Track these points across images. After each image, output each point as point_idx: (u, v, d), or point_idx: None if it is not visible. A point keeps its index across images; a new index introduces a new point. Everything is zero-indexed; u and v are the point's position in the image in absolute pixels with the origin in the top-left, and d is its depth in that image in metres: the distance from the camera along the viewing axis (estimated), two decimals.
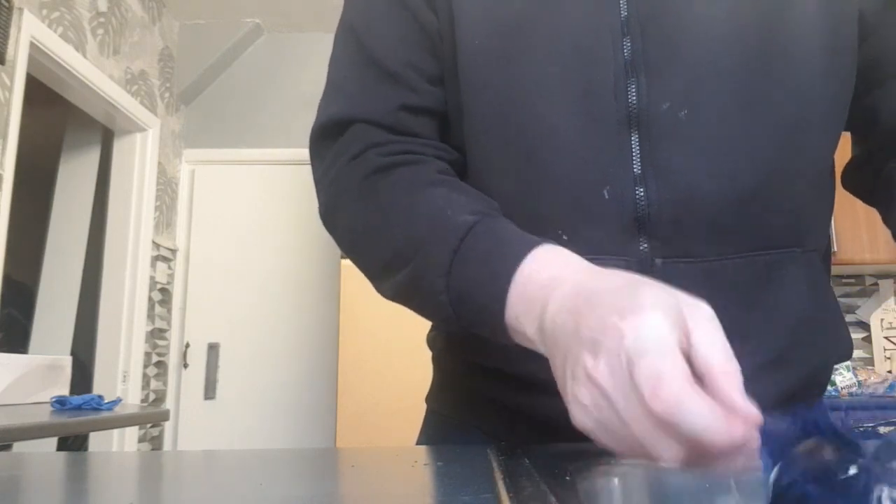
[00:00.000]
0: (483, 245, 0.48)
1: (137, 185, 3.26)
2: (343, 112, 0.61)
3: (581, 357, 0.37)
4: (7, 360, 1.98)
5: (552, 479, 0.37)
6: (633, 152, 0.54)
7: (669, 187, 0.54)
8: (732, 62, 0.54)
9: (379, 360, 2.83)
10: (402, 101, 0.60)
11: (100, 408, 1.89)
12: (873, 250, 2.98)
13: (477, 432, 0.64)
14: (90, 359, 3.13)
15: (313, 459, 0.54)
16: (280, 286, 3.61)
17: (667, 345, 0.35)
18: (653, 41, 0.54)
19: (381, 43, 0.62)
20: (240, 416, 3.48)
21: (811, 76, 0.55)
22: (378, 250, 0.55)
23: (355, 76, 0.62)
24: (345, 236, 0.60)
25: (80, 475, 0.48)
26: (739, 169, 0.54)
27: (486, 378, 0.61)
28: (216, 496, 0.38)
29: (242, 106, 3.71)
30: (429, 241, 0.50)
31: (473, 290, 0.47)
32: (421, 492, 0.40)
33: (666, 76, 0.54)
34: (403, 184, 0.56)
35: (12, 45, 2.35)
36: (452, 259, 0.48)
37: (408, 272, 0.52)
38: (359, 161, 0.58)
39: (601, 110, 0.54)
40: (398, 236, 0.53)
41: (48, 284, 3.28)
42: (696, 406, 0.33)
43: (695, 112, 0.54)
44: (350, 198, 0.58)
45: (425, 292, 0.50)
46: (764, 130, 0.55)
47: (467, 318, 0.48)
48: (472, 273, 0.47)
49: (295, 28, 3.72)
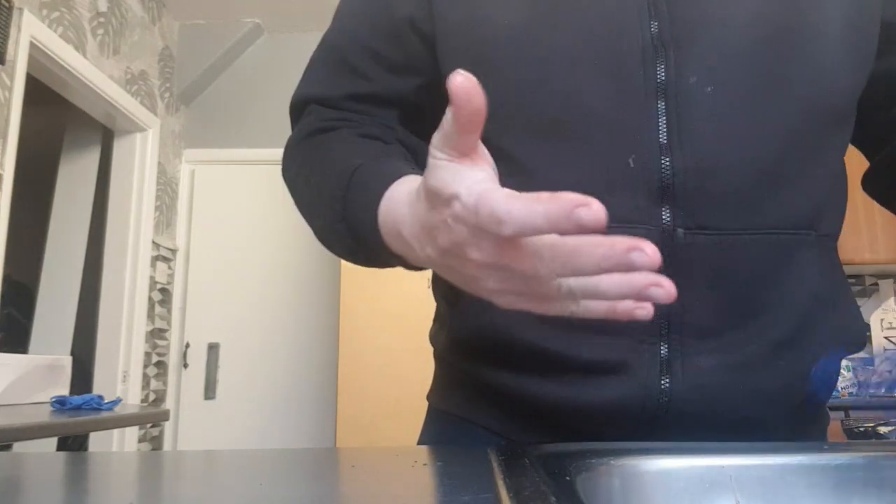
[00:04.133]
0: (359, 190, 0.52)
1: (137, 185, 3.26)
2: (303, 94, 0.68)
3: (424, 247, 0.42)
4: (7, 360, 1.98)
5: (552, 479, 0.37)
6: (659, 122, 0.55)
7: (695, 157, 0.55)
8: (756, 45, 0.56)
9: (379, 360, 2.83)
10: (355, 87, 0.65)
11: (100, 408, 1.89)
12: (873, 250, 2.98)
13: (479, 429, 0.64)
14: (90, 359, 3.13)
15: (313, 459, 0.54)
16: (280, 286, 3.61)
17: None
18: (679, 21, 0.56)
19: (346, 30, 0.67)
20: (240, 416, 3.48)
21: (831, 63, 0.57)
22: (302, 204, 0.61)
23: (320, 61, 0.69)
24: (290, 193, 0.65)
25: (80, 475, 0.48)
26: (761, 145, 0.56)
27: (491, 369, 0.62)
28: (216, 496, 0.38)
29: (242, 106, 3.71)
30: (326, 193, 0.55)
31: (360, 232, 0.51)
32: (421, 492, 0.40)
33: (693, 53, 0.56)
34: (323, 141, 0.61)
35: (12, 45, 2.35)
36: (344, 206, 0.53)
37: (322, 221, 0.57)
38: (302, 126, 0.65)
39: (629, 81, 0.56)
40: (314, 189, 0.58)
41: (48, 284, 3.28)
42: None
43: (720, 88, 0.55)
44: (290, 157, 0.65)
45: (337, 238, 0.55)
46: (785, 111, 0.56)
47: (375, 260, 0.53)
48: (355, 218, 0.51)
49: (295, 28, 3.72)
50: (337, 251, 0.58)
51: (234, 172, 3.69)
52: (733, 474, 0.43)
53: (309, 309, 3.59)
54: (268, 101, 3.70)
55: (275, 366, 3.54)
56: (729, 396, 0.55)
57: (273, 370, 3.54)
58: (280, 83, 3.70)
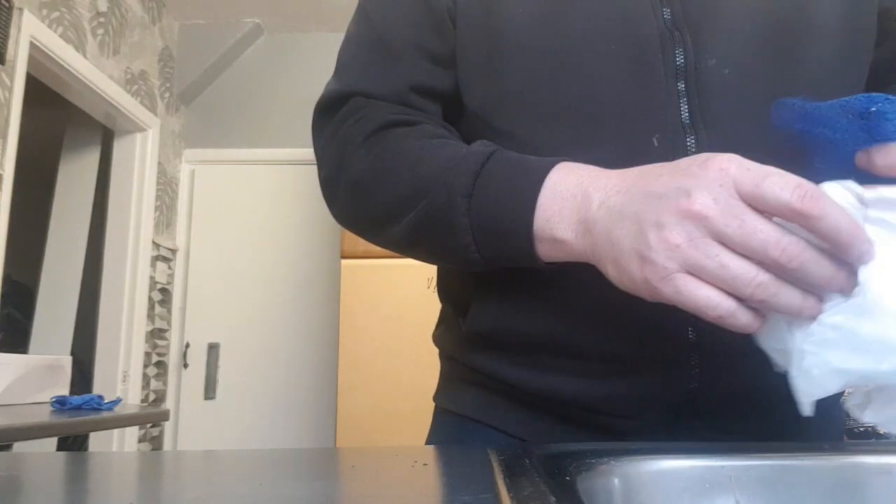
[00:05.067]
0: (504, 167, 0.50)
1: (137, 185, 3.26)
2: (343, 87, 0.64)
3: (666, 207, 0.39)
4: (7, 360, 1.98)
5: (552, 479, 0.37)
6: (680, 101, 0.55)
7: (718, 136, 0.55)
8: (765, 30, 0.57)
9: (379, 360, 2.83)
10: (404, 79, 0.62)
11: (100, 408, 1.89)
12: None
13: (492, 430, 0.63)
14: (90, 359, 3.13)
15: (313, 459, 0.54)
16: (280, 286, 3.61)
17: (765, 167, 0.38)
18: (690, 7, 0.57)
19: (388, 23, 0.64)
20: (240, 416, 3.48)
21: (830, 54, 0.58)
22: (389, 191, 0.56)
23: (361, 55, 0.65)
24: (348, 190, 0.60)
25: (80, 475, 0.48)
26: (775, 129, 0.57)
27: (510, 366, 0.61)
28: (216, 496, 0.38)
29: (242, 106, 3.71)
30: (447, 172, 0.51)
31: (499, 204, 0.48)
32: (421, 492, 0.40)
33: (709, 37, 0.56)
34: (412, 133, 0.58)
35: (12, 45, 2.35)
36: (475, 182, 0.49)
37: (424, 205, 0.52)
38: (366, 118, 0.60)
39: (649, 62, 0.56)
40: (413, 174, 0.54)
41: (48, 284, 3.28)
42: (835, 208, 0.35)
43: (738, 71, 0.56)
44: (356, 150, 0.59)
45: (443, 220, 0.51)
46: (796, 94, 0.57)
47: (489, 239, 0.49)
48: (496, 189, 0.49)
49: (295, 28, 3.72)
50: (429, 242, 0.54)
51: (235, 172, 3.69)
52: (733, 474, 0.43)
53: (309, 309, 3.59)
54: (268, 101, 3.69)
55: (275, 366, 3.54)
56: (757, 376, 0.55)
57: (273, 370, 3.54)
58: (280, 83, 3.70)
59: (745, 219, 0.37)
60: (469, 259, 0.51)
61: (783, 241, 0.36)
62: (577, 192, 0.46)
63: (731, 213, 0.37)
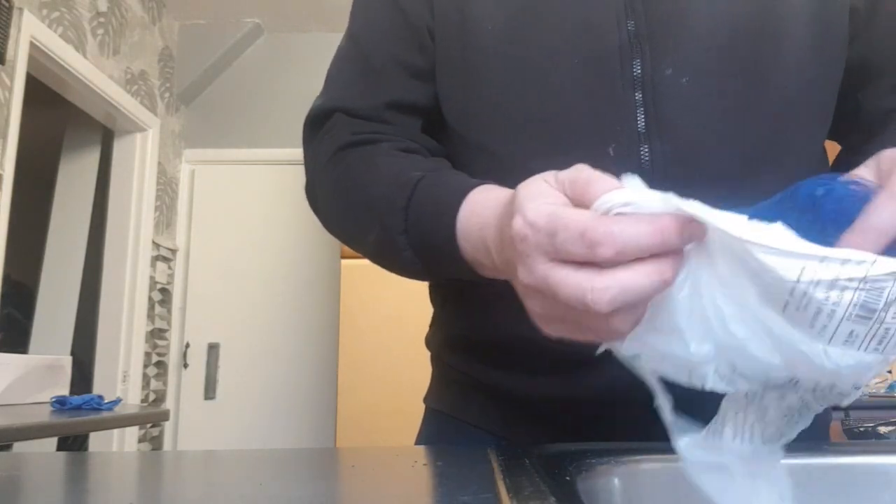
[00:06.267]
0: (427, 199, 0.52)
1: (137, 185, 3.26)
2: (327, 103, 0.66)
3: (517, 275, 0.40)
4: (7, 360, 1.98)
5: (552, 479, 0.37)
6: (637, 111, 0.57)
7: (673, 145, 0.56)
8: (730, 38, 0.57)
9: (379, 360, 2.83)
10: (382, 96, 0.64)
11: (100, 408, 1.89)
12: None
13: (475, 430, 0.64)
14: (90, 359, 3.13)
15: (313, 459, 0.54)
16: (280, 286, 3.61)
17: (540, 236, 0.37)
18: (654, 18, 0.58)
19: (370, 39, 0.67)
20: (240, 416, 3.48)
21: (800, 60, 0.58)
22: (347, 219, 0.61)
23: (345, 71, 0.68)
24: (321, 208, 0.65)
25: (80, 475, 0.48)
26: (739, 133, 0.57)
27: (483, 366, 0.63)
28: (216, 496, 0.38)
29: (242, 106, 3.71)
30: (384, 205, 0.55)
31: (429, 243, 0.51)
32: (421, 492, 0.40)
33: (668, 47, 0.57)
34: (365, 155, 0.61)
35: (12, 45, 2.35)
36: (405, 217, 0.53)
37: (375, 236, 0.56)
38: (331, 137, 0.64)
39: (607, 74, 0.57)
40: (361, 204, 0.58)
41: (48, 284, 3.28)
42: (627, 229, 0.35)
43: (696, 81, 0.57)
44: (322, 170, 0.64)
45: (393, 252, 0.54)
46: (762, 100, 0.58)
47: (436, 269, 0.53)
48: (424, 227, 0.51)
49: (295, 28, 3.72)
50: (389, 265, 0.57)
51: (234, 172, 3.69)
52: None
53: (309, 309, 3.59)
54: (268, 101, 3.70)
55: (275, 366, 3.54)
56: None
57: (273, 370, 3.54)
58: (280, 83, 3.70)
59: (549, 282, 0.36)
60: (428, 279, 0.55)
61: (588, 295, 0.35)
62: (480, 236, 0.47)
63: (544, 283, 0.37)
